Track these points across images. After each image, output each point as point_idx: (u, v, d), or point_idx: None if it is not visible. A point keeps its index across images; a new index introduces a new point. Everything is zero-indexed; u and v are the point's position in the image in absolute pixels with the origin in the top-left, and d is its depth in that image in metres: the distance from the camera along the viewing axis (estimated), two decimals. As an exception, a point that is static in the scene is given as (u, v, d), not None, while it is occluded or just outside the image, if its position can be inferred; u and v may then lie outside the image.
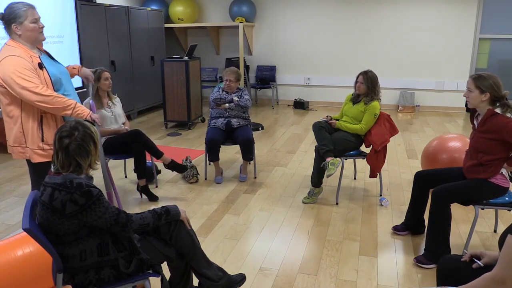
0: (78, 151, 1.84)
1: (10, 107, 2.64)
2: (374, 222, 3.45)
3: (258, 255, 2.96)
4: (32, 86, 2.51)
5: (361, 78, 3.74)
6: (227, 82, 4.37)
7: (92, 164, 1.92)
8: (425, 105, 8.11)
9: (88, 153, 1.87)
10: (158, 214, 2.04)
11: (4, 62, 2.53)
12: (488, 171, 2.70)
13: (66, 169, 1.84)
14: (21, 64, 2.52)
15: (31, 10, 2.60)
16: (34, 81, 2.53)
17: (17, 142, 2.68)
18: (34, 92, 2.51)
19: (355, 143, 3.78)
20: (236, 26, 8.26)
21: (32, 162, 2.71)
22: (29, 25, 2.58)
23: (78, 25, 5.94)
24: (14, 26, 2.58)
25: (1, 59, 2.55)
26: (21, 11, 2.57)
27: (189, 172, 4.31)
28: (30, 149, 2.68)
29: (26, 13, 2.57)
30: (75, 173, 1.85)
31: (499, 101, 2.65)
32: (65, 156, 1.83)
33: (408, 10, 7.78)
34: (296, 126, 6.85)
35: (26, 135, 2.66)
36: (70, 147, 1.83)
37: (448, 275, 1.93)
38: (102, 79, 3.77)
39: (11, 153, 2.76)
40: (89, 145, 1.87)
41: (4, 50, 2.59)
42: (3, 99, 2.64)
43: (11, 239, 2.39)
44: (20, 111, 2.64)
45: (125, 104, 6.46)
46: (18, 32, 2.59)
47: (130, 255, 1.96)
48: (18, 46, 2.59)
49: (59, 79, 2.73)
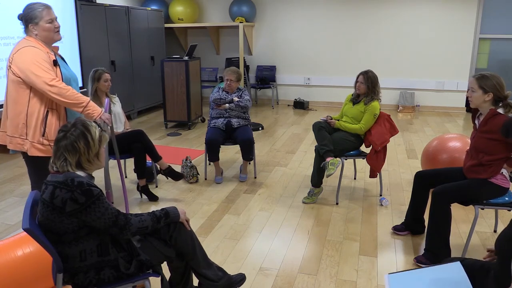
0: (67, 147, 1.86)
1: (19, 97, 2.67)
2: (374, 222, 3.45)
3: (258, 255, 2.96)
4: (49, 76, 2.58)
5: (361, 78, 3.74)
6: (228, 82, 4.37)
7: (83, 163, 1.90)
8: (425, 105, 8.11)
9: (76, 151, 1.86)
10: (157, 217, 2.03)
11: (23, 51, 2.60)
12: (488, 171, 2.70)
13: (57, 162, 1.86)
14: (40, 55, 2.60)
15: (47, 10, 2.67)
16: (51, 73, 2.60)
17: (18, 133, 2.70)
18: (49, 84, 2.57)
19: (355, 143, 3.78)
20: (236, 26, 8.26)
21: (28, 155, 2.72)
22: (45, 25, 2.66)
23: (78, 25, 5.95)
24: (31, 26, 2.66)
25: (20, 48, 2.61)
26: (37, 11, 2.64)
27: (189, 172, 4.31)
28: (29, 141, 2.69)
29: (41, 14, 2.64)
30: (66, 167, 1.86)
31: (501, 101, 2.64)
32: (56, 149, 1.87)
33: (408, 10, 7.78)
34: (296, 126, 6.85)
35: (28, 128, 2.68)
36: (62, 141, 1.86)
37: None
38: (102, 80, 3.77)
39: (7, 144, 2.76)
40: (79, 144, 1.86)
41: (23, 42, 2.66)
42: (12, 89, 2.68)
43: (11, 239, 2.39)
44: (28, 104, 2.67)
45: (125, 104, 6.46)
46: (34, 32, 2.67)
47: (130, 256, 1.96)
48: (36, 42, 2.67)
49: (69, 81, 2.80)
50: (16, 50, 2.62)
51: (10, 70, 2.63)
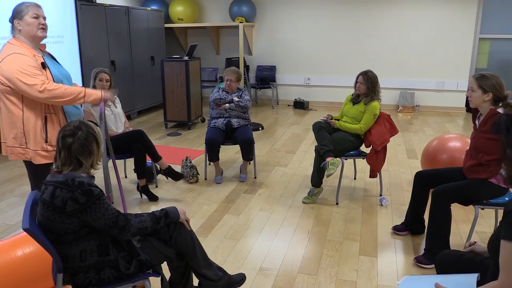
0: (81, 150, 1.85)
1: (11, 106, 2.59)
2: (374, 222, 3.45)
3: (258, 255, 2.96)
4: (38, 83, 2.48)
5: (361, 78, 3.74)
6: (228, 82, 4.36)
7: (94, 164, 1.93)
8: (425, 105, 8.11)
9: (90, 153, 1.88)
10: (157, 217, 2.03)
11: (7, 60, 2.50)
12: (488, 171, 2.69)
13: (67, 168, 1.85)
14: (26, 61, 2.50)
15: (33, 6, 2.61)
16: (39, 77, 2.50)
17: (18, 143, 2.63)
18: (40, 91, 2.48)
19: (355, 143, 3.78)
20: (236, 26, 8.26)
21: (34, 164, 2.65)
22: (29, 19, 2.57)
23: (78, 25, 5.95)
24: (16, 22, 2.59)
25: (4, 56, 2.52)
26: (23, 6, 2.60)
27: (189, 172, 4.31)
28: (32, 150, 2.62)
29: (27, 8, 2.59)
30: (75, 171, 1.85)
31: (501, 101, 2.64)
32: (67, 155, 1.84)
33: (408, 10, 7.78)
34: (296, 126, 6.85)
35: (27, 136, 2.60)
36: (73, 146, 1.84)
37: (446, 270, 1.94)
38: (97, 79, 3.81)
39: (8, 155, 2.69)
40: (92, 145, 1.88)
41: (6, 48, 2.56)
42: (3, 97, 2.60)
43: (11, 239, 2.39)
44: (22, 111, 2.59)
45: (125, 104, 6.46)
46: (18, 27, 2.58)
47: (130, 256, 1.97)
48: (20, 44, 2.57)
49: (61, 81, 2.70)
50: (0, 58, 2.52)
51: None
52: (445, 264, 1.96)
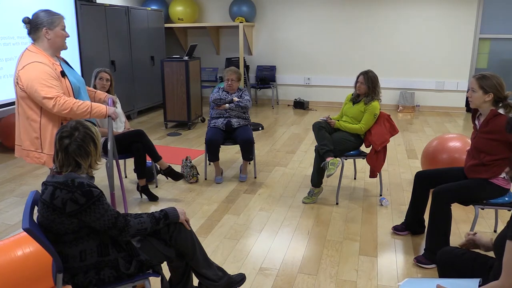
0: (78, 151, 1.85)
1: (29, 111, 2.67)
2: (374, 222, 3.45)
3: (258, 255, 2.96)
4: (53, 96, 2.56)
5: (362, 78, 3.74)
6: (229, 82, 4.36)
7: (92, 164, 1.93)
8: (425, 105, 8.11)
9: (88, 154, 1.88)
10: (157, 219, 2.03)
11: (28, 68, 2.57)
12: (490, 171, 2.69)
13: (66, 169, 1.85)
14: (45, 70, 2.58)
15: (63, 19, 2.75)
16: (55, 89, 2.59)
17: (33, 147, 2.69)
18: (53, 105, 2.58)
19: (355, 143, 3.78)
20: (236, 26, 8.26)
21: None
22: (59, 31, 2.70)
23: (78, 25, 5.95)
24: (45, 30, 2.64)
25: (25, 64, 2.58)
26: (56, 17, 2.69)
27: (189, 172, 4.31)
28: (47, 155, 2.68)
29: (60, 20, 2.71)
30: (74, 172, 1.85)
31: (501, 102, 2.64)
32: (65, 156, 1.84)
33: (408, 10, 7.78)
34: (296, 126, 6.85)
35: (43, 141, 2.67)
36: (70, 147, 1.84)
37: (448, 267, 1.94)
38: (97, 78, 3.86)
39: (24, 157, 2.75)
40: (89, 146, 1.88)
41: (27, 56, 2.62)
42: (22, 103, 2.67)
43: (11, 239, 2.39)
44: (40, 117, 2.67)
45: (125, 104, 6.46)
46: (47, 37, 2.65)
47: (130, 256, 1.96)
48: (40, 52, 2.63)
49: (78, 88, 2.80)
50: (21, 66, 2.59)
51: (18, 86, 2.61)
52: (446, 263, 1.96)
